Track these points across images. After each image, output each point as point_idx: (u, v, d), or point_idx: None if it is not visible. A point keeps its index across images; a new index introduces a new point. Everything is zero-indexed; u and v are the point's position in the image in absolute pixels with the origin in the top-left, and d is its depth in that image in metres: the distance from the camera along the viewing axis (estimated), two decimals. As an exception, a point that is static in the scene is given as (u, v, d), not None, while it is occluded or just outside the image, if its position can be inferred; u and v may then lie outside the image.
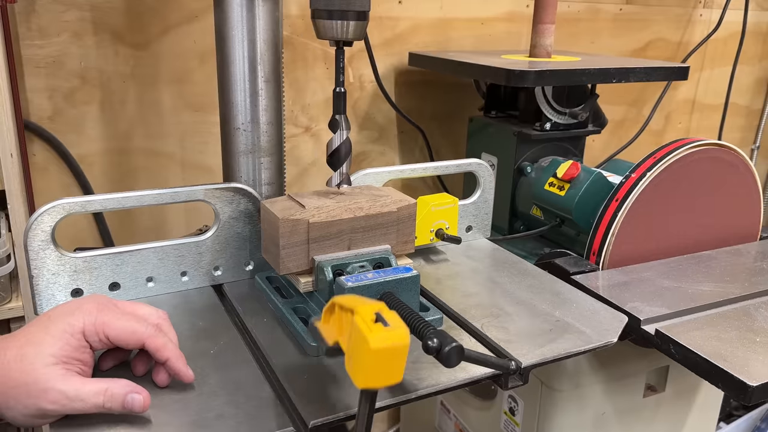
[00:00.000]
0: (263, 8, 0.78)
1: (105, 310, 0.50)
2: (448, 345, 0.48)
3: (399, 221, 0.66)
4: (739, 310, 0.77)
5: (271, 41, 0.80)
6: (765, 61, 1.87)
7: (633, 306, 0.75)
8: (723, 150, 0.92)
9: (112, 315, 0.50)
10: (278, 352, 0.57)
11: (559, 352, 0.58)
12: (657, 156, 0.87)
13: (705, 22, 1.68)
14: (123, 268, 0.65)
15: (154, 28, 1.08)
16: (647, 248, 0.89)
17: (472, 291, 0.71)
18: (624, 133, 1.62)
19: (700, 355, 0.66)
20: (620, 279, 0.83)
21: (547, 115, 1.10)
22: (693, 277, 0.84)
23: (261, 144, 0.83)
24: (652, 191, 0.86)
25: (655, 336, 0.72)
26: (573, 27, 1.48)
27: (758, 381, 0.62)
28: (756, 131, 1.96)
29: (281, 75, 0.83)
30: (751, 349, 0.68)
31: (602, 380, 0.96)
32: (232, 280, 0.71)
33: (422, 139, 1.35)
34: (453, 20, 1.33)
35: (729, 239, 0.97)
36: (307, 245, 0.61)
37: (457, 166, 0.84)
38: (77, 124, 1.07)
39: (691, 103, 1.77)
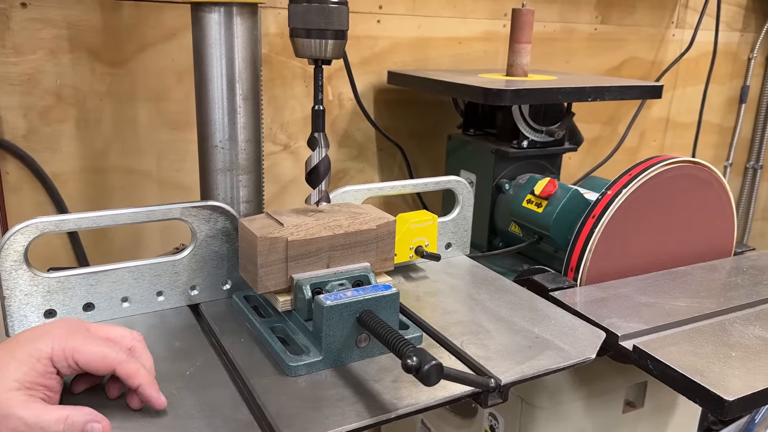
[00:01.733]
0: (242, 26, 0.79)
1: (75, 334, 0.49)
2: (428, 363, 0.48)
3: (378, 239, 0.66)
4: (715, 325, 0.78)
5: (250, 59, 0.80)
6: (735, 80, 1.92)
7: (611, 322, 0.76)
8: (697, 167, 0.93)
9: (83, 340, 0.49)
10: (256, 373, 0.56)
11: (538, 369, 0.58)
12: (632, 173, 0.88)
13: (677, 41, 1.72)
14: (97, 288, 0.64)
15: (131, 46, 1.08)
16: (624, 264, 0.90)
17: (452, 308, 0.71)
18: (599, 150, 1.65)
19: (678, 371, 0.67)
20: (598, 295, 0.84)
21: (525, 133, 1.11)
22: (669, 293, 0.85)
23: (239, 162, 0.82)
24: (628, 208, 0.87)
25: (633, 352, 0.72)
26: (548, 47, 1.51)
27: (734, 396, 0.63)
28: (728, 148, 2.00)
29: (260, 93, 0.83)
30: (727, 364, 0.69)
31: (582, 397, 0.96)
32: (209, 300, 0.70)
33: (401, 157, 1.35)
34: (431, 39, 1.35)
35: (704, 255, 0.98)
36: (285, 263, 0.61)
37: (436, 183, 0.84)
38: (52, 142, 1.06)
39: (665, 121, 1.80)
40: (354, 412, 0.51)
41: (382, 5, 1.27)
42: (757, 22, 1.88)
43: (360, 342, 0.58)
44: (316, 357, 0.57)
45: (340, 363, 0.58)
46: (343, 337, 0.57)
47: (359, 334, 0.58)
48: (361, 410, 0.51)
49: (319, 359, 0.57)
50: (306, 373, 0.56)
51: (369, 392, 0.54)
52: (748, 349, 0.72)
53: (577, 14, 1.52)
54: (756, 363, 0.69)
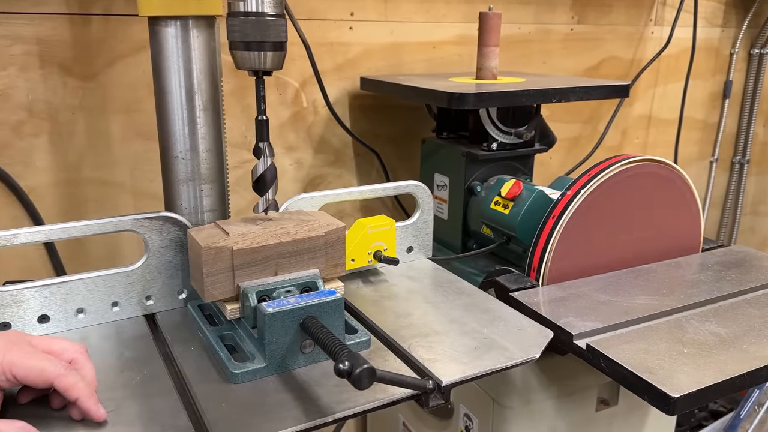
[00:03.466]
0: (198, 39, 0.80)
1: (14, 348, 0.50)
2: (359, 367, 0.49)
3: (327, 245, 0.67)
4: (672, 323, 0.78)
5: (208, 70, 0.82)
6: (718, 76, 1.92)
7: (567, 321, 0.77)
8: (658, 165, 0.94)
9: (21, 354, 0.50)
10: (201, 380, 0.57)
11: (481, 369, 0.59)
12: (591, 173, 0.88)
13: (656, 39, 1.73)
14: (51, 300, 0.65)
15: (101, 60, 1.09)
16: (586, 263, 0.90)
17: (406, 312, 0.72)
18: (580, 150, 1.65)
19: (627, 369, 0.67)
20: (558, 294, 0.84)
21: (494, 136, 1.12)
22: (630, 291, 0.86)
23: (201, 171, 0.84)
24: (588, 207, 0.87)
25: (586, 350, 0.73)
26: (525, 48, 1.52)
27: (681, 392, 0.63)
28: (714, 144, 2.00)
29: (220, 103, 0.85)
30: (678, 361, 0.69)
31: (553, 396, 0.97)
32: (164, 309, 0.71)
33: (378, 162, 1.36)
34: (404, 44, 1.36)
35: (671, 252, 0.98)
36: (232, 272, 0.62)
37: (395, 188, 0.85)
38: (26, 156, 1.07)
39: (647, 119, 1.81)
40: (291, 417, 0.51)
41: (353, 12, 1.29)
42: (737, 17, 1.88)
43: (305, 348, 0.59)
44: (260, 364, 0.58)
45: (285, 369, 0.59)
46: (286, 343, 0.58)
47: (303, 340, 0.59)
48: (299, 415, 0.52)
49: (263, 366, 0.58)
50: (250, 379, 0.57)
51: (310, 397, 0.55)
52: (701, 346, 0.73)
53: (553, 15, 1.53)
54: (707, 359, 0.70)
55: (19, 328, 0.64)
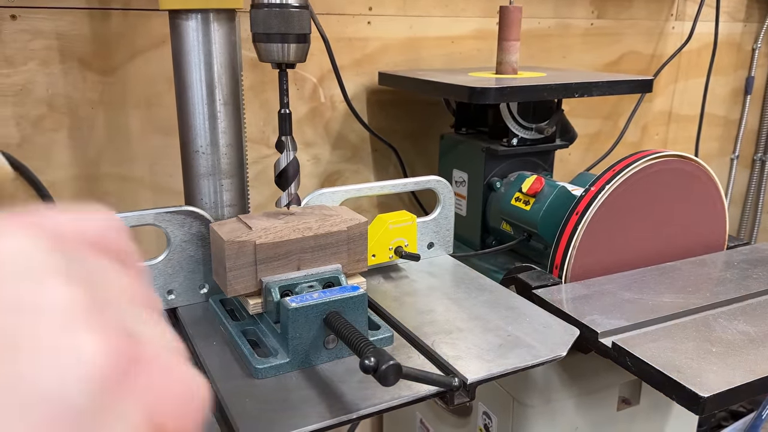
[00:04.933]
0: (219, 32, 0.79)
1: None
2: (385, 363, 0.48)
3: (349, 240, 0.66)
4: (698, 321, 0.77)
5: (228, 64, 0.81)
6: (740, 71, 1.89)
7: (591, 319, 0.75)
8: (683, 161, 0.92)
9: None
10: (224, 376, 0.57)
11: (506, 367, 0.58)
12: (616, 169, 0.87)
13: (677, 34, 1.70)
14: (74, 294, 0.65)
15: (121, 54, 1.09)
16: (610, 260, 0.89)
17: (428, 308, 0.71)
18: (600, 146, 1.63)
19: (655, 368, 0.66)
20: (581, 292, 0.83)
21: (514, 131, 1.10)
22: (655, 289, 0.84)
23: (221, 166, 0.83)
24: (612, 204, 0.86)
25: (612, 349, 0.71)
26: (545, 43, 1.50)
27: (710, 392, 0.62)
28: (734, 141, 1.97)
29: (241, 97, 0.84)
30: (706, 360, 0.68)
31: (574, 394, 0.96)
32: (186, 304, 0.71)
33: (396, 157, 1.35)
34: (423, 39, 1.35)
35: (695, 249, 0.97)
36: (254, 267, 0.61)
37: (416, 183, 0.84)
38: (45, 150, 1.08)
39: (667, 115, 1.78)
40: (316, 413, 0.51)
41: (371, 7, 1.28)
42: (760, 12, 1.85)
43: (328, 343, 0.59)
44: (283, 359, 0.57)
45: (309, 364, 0.58)
46: (310, 338, 0.58)
47: (327, 335, 0.58)
48: (323, 411, 0.51)
49: (286, 361, 0.57)
50: (273, 375, 0.57)
51: (334, 393, 0.54)
52: (729, 345, 0.71)
53: (572, 9, 1.51)
54: (736, 358, 0.68)
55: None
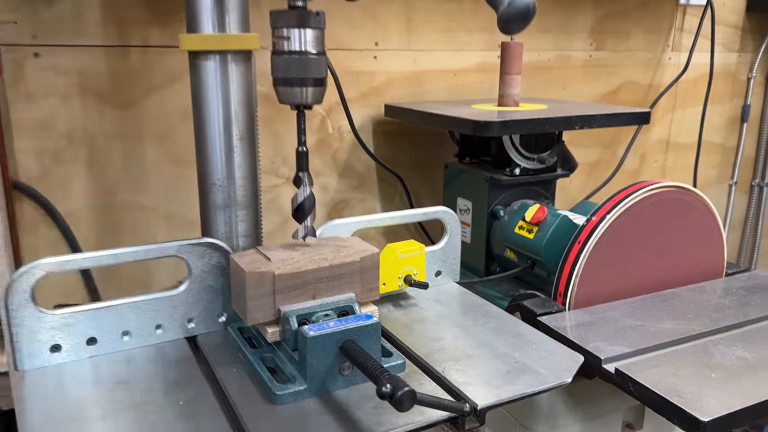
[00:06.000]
0: (236, 72, 0.83)
1: None
2: (401, 390, 0.51)
3: (363, 270, 0.69)
4: (698, 347, 0.80)
5: (245, 102, 0.85)
6: (736, 100, 1.94)
7: (595, 345, 0.78)
8: (682, 191, 0.95)
9: None
10: (245, 401, 0.60)
11: (515, 393, 0.61)
12: (616, 199, 0.90)
13: (674, 65, 1.75)
14: (100, 324, 0.68)
15: (137, 89, 1.13)
16: (612, 288, 0.92)
17: (437, 335, 0.74)
18: (600, 174, 1.67)
19: (657, 393, 0.69)
20: (585, 319, 0.86)
21: (516, 161, 1.14)
22: (655, 315, 0.87)
23: (237, 198, 0.86)
24: (613, 233, 0.89)
25: (615, 375, 0.74)
26: (545, 74, 1.55)
27: (710, 416, 0.64)
28: (732, 167, 2.01)
29: (255, 132, 0.88)
30: (706, 385, 0.70)
31: (579, 420, 0.98)
32: (205, 332, 0.74)
33: (401, 186, 1.39)
34: (427, 72, 1.39)
35: (694, 277, 1.00)
36: (273, 296, 0.64)
37: (424, 214, 0.87)
38: (64, 182, 1.11)
39: (665, 143, 1.82)
40: (334, 438, 0.54)
41: (378, 42, 1.32)
42: (754, 42, 1.90)
43: (343, 370, 0.62)
44: (301, 386, 0.60)
45: (325, 391, 0.61)
46: (326, 365, 0.60)
47: (342, 362, 0.61)
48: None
49: (304, 388, 0.60)
50: (292, 401, 0.59)
51: (350, 419, 0.57)
52: (728, 370, 0.74)
53: (572, 42, 1.56)
54: (735, 383, 0.71)
55: (69, 350, 0.67)
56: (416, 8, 1.34)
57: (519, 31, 0.61)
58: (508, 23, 0.59)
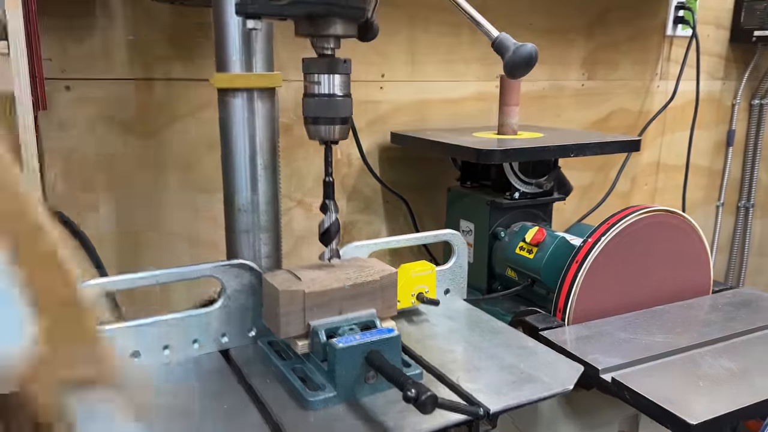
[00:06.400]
0: (262, 108, 0.91)
1: None
2: (424, 394, 0.58)
3: (382, 288, 0.76)
4: (687, 358, 0.87)
5: (269, 134, 0.92)
6: (721, 125, 2.03)
7: (593, 357, 0.85)
8: (670, 215, 1.03)
9: None
10: (280, 408, 0.66)
11: (522, 399, 0.68)
12: (610, 222, 0.98)
13: (662, 92, 1.84)
14: (143, 338, 0.74)
15: (161, 119, 1.21)
16: (607, 305, 0.99)
17: (449, 348, 0.81)
18: (593, 196, 1.75)
19: (650, 400, 0.76)
20: (583, 333, 0.93)
21: (516, 186, 1.22)
22: (647, 330, 0.94)
23: (260, 222, 0.93)
24: (607, 254, 0.97)
25: (612, 384, 0.81)
26: (540, 103, 1.63)
27: (698, 420, 0.71)
28: (719, 189, 2.09)
29: (277, 162, 0.95)
30: (695, 393, 0.78)
31: (578, 428, 1.04)
32: (237, 346, 0.80)
33: (406, 208, 1.47)
34: (429, 101, 1.48)
35: (683, 294, 1.07)
36: (303, 312, 0.71)
37: (435, 236, 0.95)
38: (91, 206, 1.18)
39: (655, 166, 1.91)
40: (364, 438, 0.60)
41: (384, 74, 1.41)
42: (738, 71, 2.00)
43: (369, 379, 0.68)
44: (331, 393, 0.67)
45: (353, 397, 0.68)
46: (354, 374, 0.67)
47: (368, 371, 0.68)
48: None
49: (333, 395, 0.67)
50: (323, 407, 0.66)
51: (377, 422, 0.64)
52: (714, 379, 0.81)
53: (565, 72, 1.65)
54: (720, 391, 0.78)
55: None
56: (419, 42, 1.43)
57: (523, 75, 0.69)
58: (514, 69, 0.67)
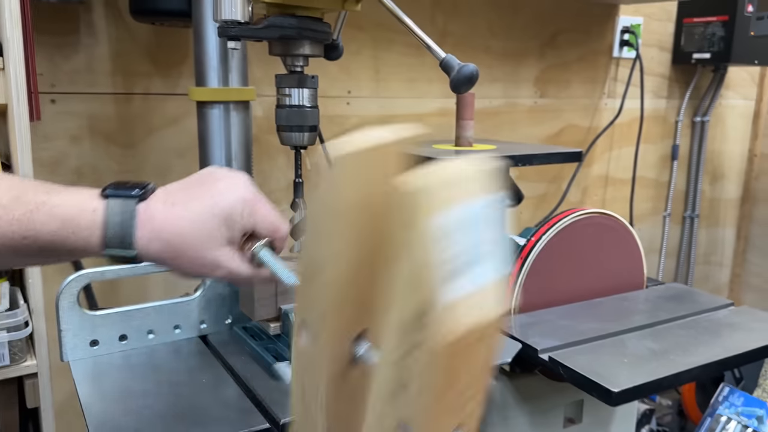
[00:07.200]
0: (237, 118, 1.01)
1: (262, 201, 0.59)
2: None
3: (346, 278, 0.86)
4: (616, 341, 0.98)
5: (243, 142, 1.02)
6: (666, 140, 2.19)
7: (534, 340, 0.96)
8: (605, 217, 1.15)
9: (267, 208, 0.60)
10: (255, 379, 0.75)
11: (466, 370, 0.78)
12: (550, 223, 1.10)
13: (610, 109, 1.99)
14: (130, 323, 0.83)
15: (140, 131, 1.30)
16: (549, 297, 1.10)
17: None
18: (547, 206, 1.88)
19: (580, 373, 0.87)
20: (526, 321, 1.04)
21: (471, 193, 1.33)
22: (584, 318, 1.05)
23: (235, 224, 1.03)
24: (548, 251, 1.08)
25: (549, 361, 0.92)
26: (496, 119, 1.76)
27: (619, 388, 0.82)
28: (666, 200, 2.25)
29: (251, 167, 1.05)
30: (620, 367, 0.89)
31: (526, 413, 1.15)
32: (215, 331, 0.89)
33: (371, 216, 1.57)
34: (393, 116, 1.59)
35: (619, 289, 1.19)
36: (275, 297, 0.80)
37: (394, 236, 1.05)
38: (74, 212, 1.26)
39: (604, 179, 2.05)
40: (328, 401, 0.69)
41: (350, 90, 1.52)
42: (680, 90, 2.17)
43: (333, 354, 0.78)
44: (299, 366, 0.76)
45: (318, 371, 0.77)
46: (319, 350, 0.77)
47: (332, 348, 0.77)
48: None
49: (302, 367, 0.76)
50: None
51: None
52: (637, 357, 0.92)
53: (519, 90, 1.79)
54: (641, 366, 0.89)
55: (104, 344, 0.82)
56: (384, 61, 1.54)
57: (466, 91, 0.80)
58: (458, 85, 0.78)
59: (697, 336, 1.00)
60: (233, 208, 0.56)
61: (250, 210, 0.57)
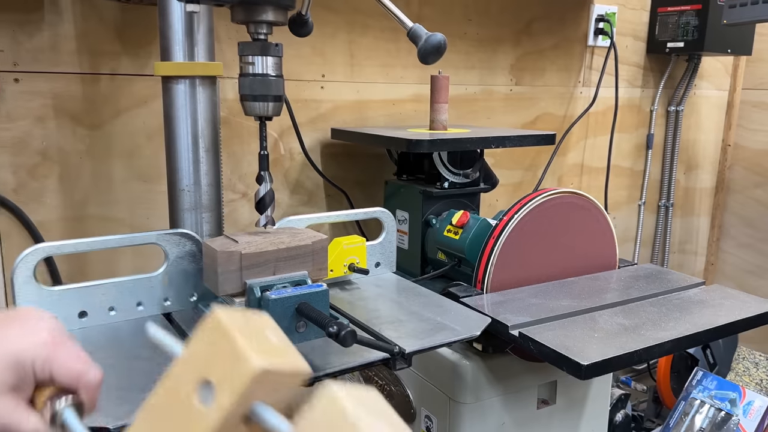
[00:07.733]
0: (203, 93, 0.98)
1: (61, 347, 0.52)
2: (344, 329, 0.66)
3: (314, 252, 0.84)
4: (587, 317, 0.98)
5: (210, 119, 1.00)
6: (641, 129, 2.20)
7: (505, 317, 0.95)
8: (576, 196, 1.15)
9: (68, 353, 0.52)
10: (218, 353, 0.74)
11: (434, 342, 0.77)
12: (522, 202, 1.09)
13: (585, 98, 1.99)
14: (89, 299, 0.81)
15: (107, 112, 1.27)
16: (521, 276, 1.10)
17: (376, 308, 0.90)
18: (522, 193, 1.87)
19: (549, 347, 0.86)
20: (498, 299, 1.03)
21: (445, 176, 1.32)
22: (555, 296, 1.05)
23: (202, 202, 1.01)
24: (520, 230, 1.07)
25: (519, 337, 0.91)
26: (472, 106, 1.75)
27: (589, 361, 0.82)
28: (641, 189, 2.26)
29: (219, 145, 1.03)
30: (590, 342, 0.88)
31: (500, 394, 1.14)
32: (179, 309, 0.87)
33: (347, 201, 1.55)
34: (368, 102, 1.57)
35: (591, 268, 1.19)
36: (240, 272, 0.79)
37: (365, 213, 1.04)
38: (38, 194, 1.23)
39: (579, 167, 2.06)
40: (292, 373, 0.68)
41: (324, 74, 1.50)
42: (654, 79, 2.18)
43: (299, 328, 0.76)
44: (264, 339, 0.74)
45: (284, 344, 0.76)
46: (285, 324, 0.75)
47: (298, 321, 0.76)
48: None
49: (266, 341, 0.74)
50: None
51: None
52: (608, 332, 0.92)
53: (494, 78, 1.78)
54: (612, 341, 0.89)
55: (63, 321, 0.79)
56: (359, 46, 1.53)
57: (434, 62, 0.79)
58: (426, 55, 0.77)
59: (668, 313, 1.01)
60: (24, 353, 0.50)
61: (46, 356, 0.51)
